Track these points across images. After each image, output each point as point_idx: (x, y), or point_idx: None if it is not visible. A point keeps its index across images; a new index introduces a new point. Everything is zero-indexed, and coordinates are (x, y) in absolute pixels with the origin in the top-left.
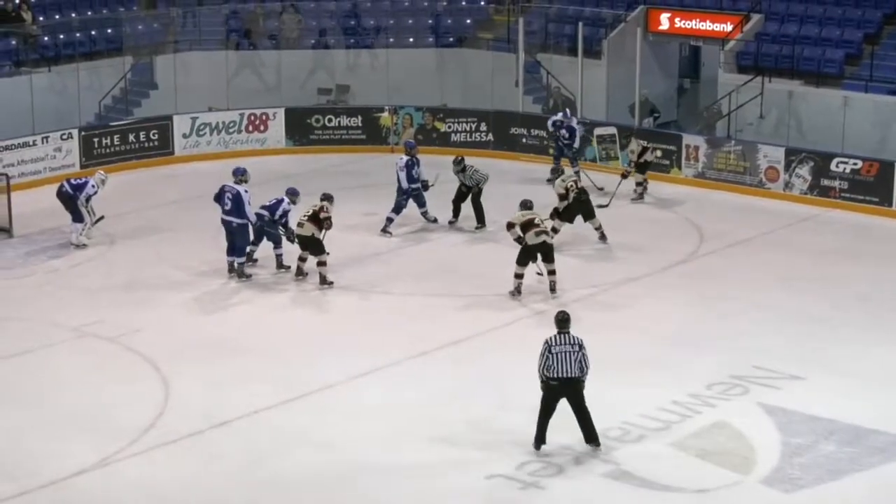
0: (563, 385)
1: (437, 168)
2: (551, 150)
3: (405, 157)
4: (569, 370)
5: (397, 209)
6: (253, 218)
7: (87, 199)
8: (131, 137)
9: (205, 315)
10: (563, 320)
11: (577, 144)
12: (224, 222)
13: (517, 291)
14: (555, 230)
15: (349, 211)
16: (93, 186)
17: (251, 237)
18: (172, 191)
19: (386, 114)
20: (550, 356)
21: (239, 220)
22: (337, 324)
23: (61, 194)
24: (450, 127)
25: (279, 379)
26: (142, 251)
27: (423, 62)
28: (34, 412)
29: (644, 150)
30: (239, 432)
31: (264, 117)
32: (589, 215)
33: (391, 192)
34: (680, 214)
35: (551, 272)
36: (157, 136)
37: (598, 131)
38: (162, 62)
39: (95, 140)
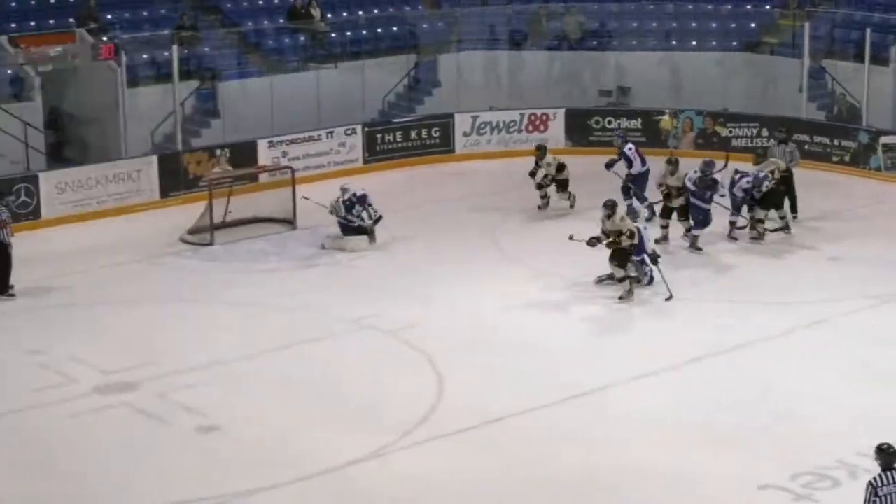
0: None
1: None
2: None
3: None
4: None
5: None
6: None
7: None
8: (413, 134)
9: (482, 312)
10: (892, 454)
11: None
12: None
13: (630, 293)
14: None
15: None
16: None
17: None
18: (452, 188)
19: (666, 116)
20: (878, 500)
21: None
22: (617, 326)
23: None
24: (731, 132)
25: (555, 378)
26: (420, 247)
27: (706, 66)
28: (315, 401)
29: (561, 167)
30: (512, 429)
31: (544, 117)
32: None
33: None
34: None
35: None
36: (438, 134)
37: (883, 140)
38: (445, 60)
39: (378, 136)
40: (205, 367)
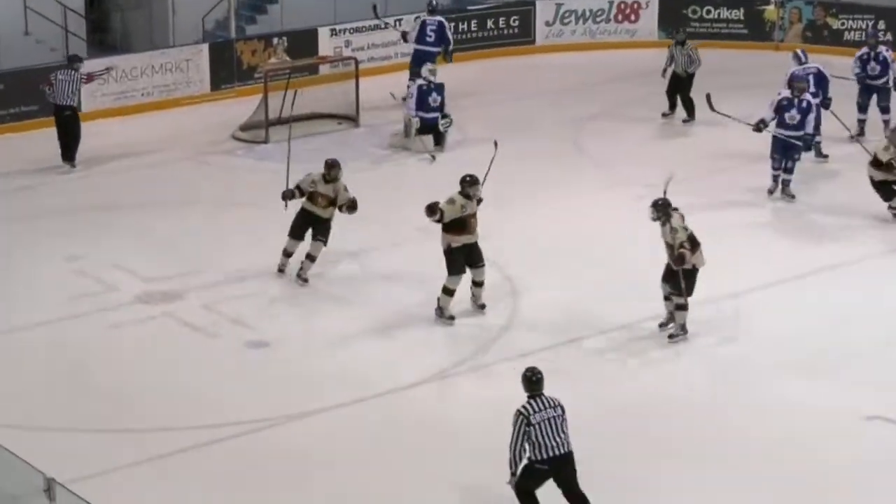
0: (553, 467)
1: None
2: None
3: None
4: (559, 446)
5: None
6: None
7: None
8: (490, 23)
9: (559, 222)
10: (537, 381)
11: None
12: None
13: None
14: None
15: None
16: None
17: None
18: (531, 84)
19: (772, 6)
20: (532, 429)
21: None
22: None
23: None
24: (843, 24)
25: (634, 299)
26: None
27: None
28: (372, 317)
29: None
30: (585, 351)
31: (636, 6)
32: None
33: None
34: None
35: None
36: (517, 23)
37: None
38: None
39: (452, 24)
40: (254, 276)
